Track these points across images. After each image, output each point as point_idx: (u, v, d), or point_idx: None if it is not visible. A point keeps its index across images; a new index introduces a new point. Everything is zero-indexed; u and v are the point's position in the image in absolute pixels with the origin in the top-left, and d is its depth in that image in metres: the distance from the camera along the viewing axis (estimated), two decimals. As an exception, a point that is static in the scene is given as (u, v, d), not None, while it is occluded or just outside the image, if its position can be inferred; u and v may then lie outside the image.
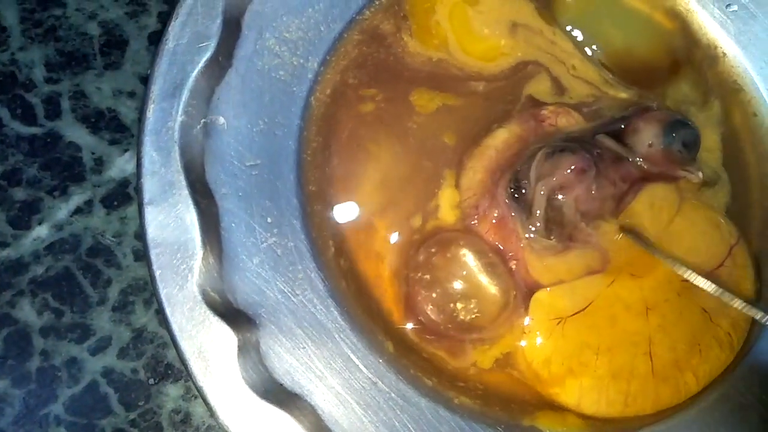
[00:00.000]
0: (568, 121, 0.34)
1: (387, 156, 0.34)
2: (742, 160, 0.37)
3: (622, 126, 0.34)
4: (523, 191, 0.32)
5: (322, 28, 0.35)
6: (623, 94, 0.36)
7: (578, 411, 0.31)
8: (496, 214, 0.33)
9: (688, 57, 0.37)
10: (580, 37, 0.36)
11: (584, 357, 0.32)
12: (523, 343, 0.32)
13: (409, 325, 0.33)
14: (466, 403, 0.32)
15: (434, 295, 0.32)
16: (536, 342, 0.32)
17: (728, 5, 0.38)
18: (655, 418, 0.32)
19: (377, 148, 0.34)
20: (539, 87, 0.36)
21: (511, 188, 0.33)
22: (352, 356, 0.31)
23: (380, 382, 0.31)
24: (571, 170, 0.32)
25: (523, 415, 0.32)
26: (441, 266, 0.32)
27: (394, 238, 0.33)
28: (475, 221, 0.33)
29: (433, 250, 0.32)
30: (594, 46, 0.36)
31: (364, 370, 0.31)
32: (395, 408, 0.31)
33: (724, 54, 0.38)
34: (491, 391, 0.32)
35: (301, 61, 0.34)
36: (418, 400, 0.31)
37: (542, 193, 0.32)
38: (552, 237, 0.32)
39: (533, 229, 0.32)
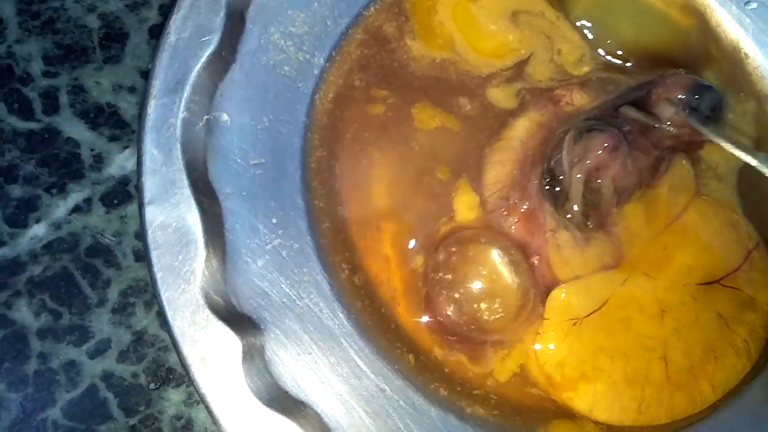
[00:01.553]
0: (583, 98, 0.34)
1: (393, 162, 0.33)
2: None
3: (644, 93, 0.33)
4: (560, 179, 0.32)
5: (329, 23, 0.34)
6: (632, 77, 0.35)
7: (591, 417, 0.31)
8: (526, 207, 0.32)
9: (707, 52, 0.36)
10: (592, 33, 0.35)
11: (599, 361, 0.31)
12: (537, 346, 0.31)
13: (425, 318, 0.32)
14: (479, 413, 0.31)
15: (456, 295, 0.31)
16: (551, 344, 0.31)
17: (747, 2, 0.37)
18: (670, 429, 0.31)
19: (381, 155, 0.33)
20: (542, 70, 0.35)
21: (545, 179, 0.32)
22: (360, 362, 0.30)
23: (388, 389, 0.30)
24: (604, 149, 0.31)
25: (537, 424, 0.31)
26: (462, 265, 0.31)
27: (405, 240, 0.32)
28: (504, 213, 0.32)
29: (453, 249, 0.31)
30: (608, 41, 0.35)
31: (372, 376, 0.30)
32: (404, 416, 0.30)
33: (746, 55, 0.37)
34: (505, 400, 0.32)
35: (307, 56, 0.33)
36: (428, 409, 0.30)
37: (579, 176, 0.31)
38: (589, 222, 0.32)
39: (569, 216, 0.32)
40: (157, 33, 0.36)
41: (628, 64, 0.35)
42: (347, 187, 0.33)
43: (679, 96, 0.33)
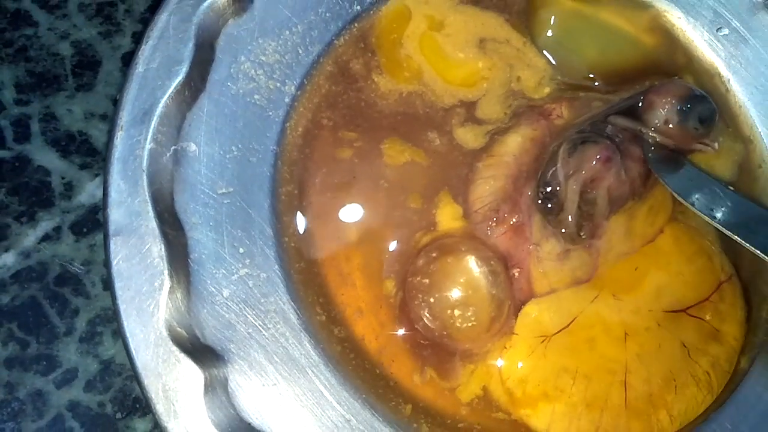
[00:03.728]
0: (574, 109, 0.34)
1: (365, 200, 0.33)
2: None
3: (636, 101, 0.34)
4: (556, 191, 0.32)
5: (300, 51, 0.34)
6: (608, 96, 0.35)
7: None
8: (515, 220, 0.32)
9: (675, 62, 0.36)
10: (558, 57, 0.35)
11: (561, 381, 0.31)
12: (501, 361, 0.31)
13: (401, 332, 0.32)
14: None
15: (431, 299, 0.31)
16: (516, 359, 0.31)
17: (719, 29, 0.37)
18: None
19: (351, 198, 0.33)
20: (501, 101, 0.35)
21: (540, 193, 0.32)
22: (325, 392, 0.30)
23: (354, 420, 0.30)
24: (598, 160, 0.31)
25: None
26: (441, 271, 0.31)
27: (380, 266, 0.32)
28: (492, 225, 0.32)
29: (433, 254, 0.32)
30: (576, 64, 0.35)
31: (338, 407, 0.30)
32: (368, 447, 0.30)
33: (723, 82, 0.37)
34: (471, 427, 0.31)
35: (278, 84, 0.33)
36: (393, 439, 0.30)
37: (575, 188, 0.31)
38: (582, 233, 0.32)
39: (563, 229, 0.32)
40: (129, 60, 0.35)
41: (596, 84, 0.35)
42: (317, 222, 0.32)
43: (669, 103, 0.33)
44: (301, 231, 0.32)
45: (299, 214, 0.33)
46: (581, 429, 0.31)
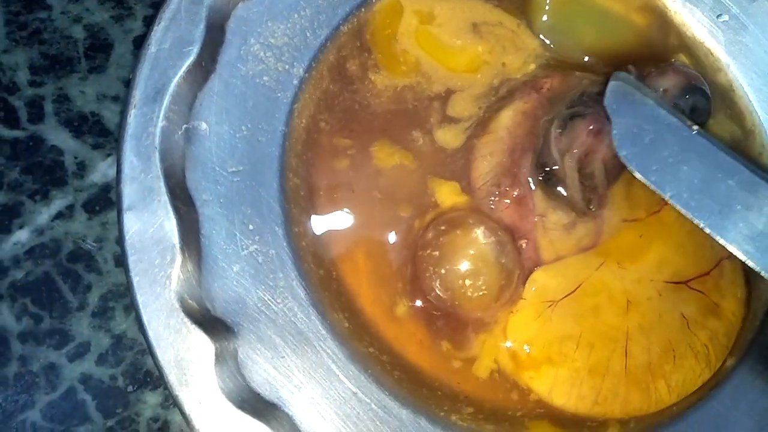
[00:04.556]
0: (565, 82, 0.34)
1: (366, 202, 0.34)
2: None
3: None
4: (554, 169, 0.32)
5: (308, 34, 0.35)
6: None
7: (548, 401, 0.31)
8: (516, 193, 0.33)
9: (667, 43, 0.37)
10: (556, 42, 0.36)
11: (565, 347, 0.32)
12: (507, 327, 0.32)
13: (418, 303, 0.32)
14: (450, 416, 0.31)
15: (443, 271, 0.32)
16: (522, 322, 0.32)
17: (719, 15, 0.38)
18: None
19: (354, 205, 0.34)
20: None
21: (539, 173, 0.33)
22: (333, 366, 0.31)
23: (360, 393, 0.31)
24: (588, 134, 0.32)
25: (516, 428, 0.32)
26: (450, 243, 0.32)
27: (385, 243, 0.33)
28: (495, 199, 0.33)
29: (442, 227, 0.32)
30: (573, 47, 0.36)
31: (345, 380, 0.31)
32: (375, 419, 0.30)
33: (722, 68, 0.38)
34: (479, 404, 0.32)
35: (286, 66, 0.34)
36: (399, 412, 0.31)
37: (572, 165, 0.32)
38: (591, 206, 0.33)
39: (570, 205, 0.33)
40: (141, 43, 0.36)
41: (590, 63, 0.36)
42: (325, 206, 0.33)
43: (678, 80, 0.34)
44: (309, 211, 0.33)
45: (306, 195, 0.33)
46: (582, 394, 0.32)
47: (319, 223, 0.33)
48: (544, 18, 0.36)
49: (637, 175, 0.30)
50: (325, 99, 0.34)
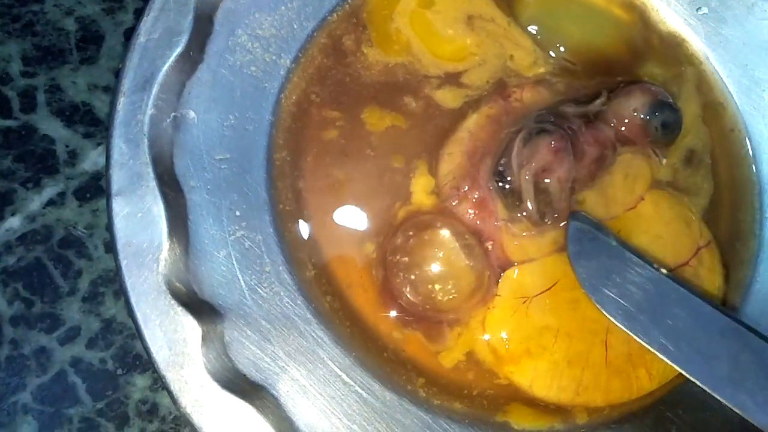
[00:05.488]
0: (533, 96, 0.35)
1: (355, 171, 0.34)
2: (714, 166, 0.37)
3: (595, 98, 0.35)
4: (509, 179, 0.33)
5: (295, 26, 0.36)
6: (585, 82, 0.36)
7: (530, 393, 0.32)
8: (476, 196, 0.33)
9: (649, 44, 0.38)
10: (540, 36, 0.37)
11: (543, 339, 0.32)
12: (483, 323, 0.32)
13: (393, 313, 0.33)
14: (433, 397, 0.32)
15: (412, 276, 0.32)
16: (499, 318, 0.32)
17: (698, 8, 0.39)
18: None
19: (343, 172, 0.34)
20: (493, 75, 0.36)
21: (497, 180, 0.33)
22: (318, 349, 0.31)
23: (345, 375, 0.31)
24: (548, 151, 0.32)
25: (493, 410, 0.32)
26: (418, 248, 0.32)
27: (366, 229, 0.34)
28: (456, 202, 0.33)
29: (410, 233, 0.33)
30: (557, 44, 0.37)
31: (330, 363, 0.31)
32: (359, 401, 0.31)
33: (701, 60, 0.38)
34: (459, 385, 0.33)
35: (273, 57, 0.35)
36: (383, 394, 0.31)
37: (527, 178, 0.32)
38: (547, 220, 0.33)
39: (526, 215, 0.33)
40: (131, 35, 0.37)
41: (577, 68, 0.37)
42: (310, 189, 0.34)
43: (646, 97, 0.34)
44: (295, 198, 0.34)
45: (292, 182, 0.34)
46: (563, 385, 0.32)
47: (305, 193, 0.34)
48: (529, 13, 0.37)
49: (614, 322, 0.31)
50: (318, 73, 0.35)
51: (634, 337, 0.30)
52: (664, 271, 0.32)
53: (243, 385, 0.30)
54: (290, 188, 0.34)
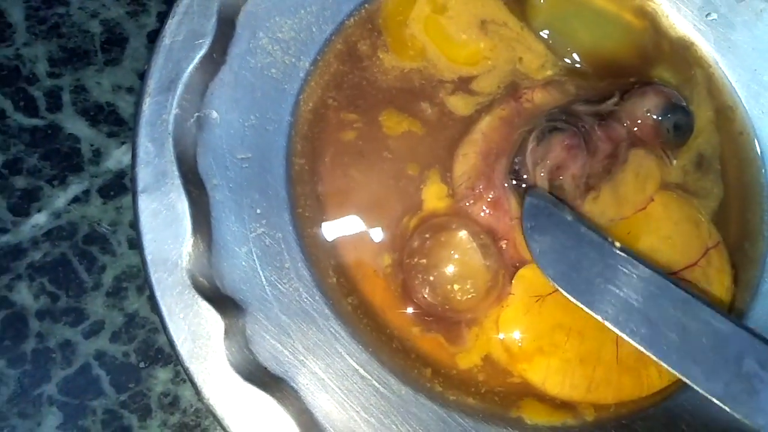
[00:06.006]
0: (544, 97, 0.36)
1: (372, 174, 0.35)
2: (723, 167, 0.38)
3: (607, 98, 0.36)
4: (525, 177, 0.33)
5: (314, 30, 0.36)
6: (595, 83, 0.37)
7: (543, 390, 0.32)
8: (491, 196, 0.34)
9: (660, 49, 0.38)
10: (552, 41, 0.37)
11: (556, 338, 0.33)
12: (498, 321, 0.33)
13: (410, 310, 0.33)
14: (449, 393, 0.33)
15: (431, 278, 0.33)
16: (512, 316, 0.33)
17: (708, 14, 0.39)
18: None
19: (361, 174, 0.35)
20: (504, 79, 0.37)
21: (512, 178, 0.34)
22: (336, 344, 0.32)
23: (362, 369, 0.32)
24: (562, 148, 0.33)
25: (507, 406, 0.33)
26: (436, 250, 0.33)
27: (381, 234, 0.34)
28: (471, 202, 0.34)
29: (426, 235, 0.33)
30: (569, 49, 0.37)
31: (347, 357, 0.32)
32: (375, 394, 0.32)
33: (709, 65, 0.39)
34: (476, 383, 0.33)
35: (293, 60, 0.36)
36: (399, 388, 0.32)
37: (542, 175, 0.33)
38: None
39: None
40: (154, 38, 0.38)
41: (586, 70, 0.37)
42: (328, 193, 0.34)
43: (659, 99, 0.35)
44: (314, 203, 0.34)
45: (312, 188, 0.34)
46: (575, 383, 0.33)
47: (323, 196, 0.34)
48: (541, 16, 0.38)
49: (567, 296, 0.31)
50: (334, 79, 0.36)
51: (589, 311, 0.30)
52: (617, 244, 0.32)
53: (264, 378, 0.31)
54: (309, 194, 0.34)
